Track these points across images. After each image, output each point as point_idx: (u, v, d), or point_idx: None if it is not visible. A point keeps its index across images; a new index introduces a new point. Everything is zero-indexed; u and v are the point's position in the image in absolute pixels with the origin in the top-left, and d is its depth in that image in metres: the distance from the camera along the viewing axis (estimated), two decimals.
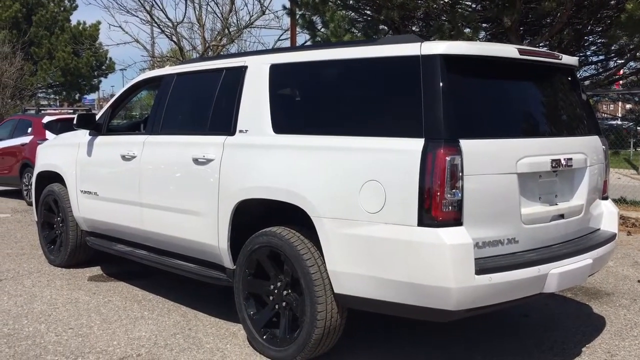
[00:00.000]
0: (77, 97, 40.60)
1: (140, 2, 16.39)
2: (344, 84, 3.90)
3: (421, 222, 3.26)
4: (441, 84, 3.33)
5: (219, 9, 17.20)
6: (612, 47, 12.59)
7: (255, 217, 4.24)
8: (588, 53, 13.76)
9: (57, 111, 14.95)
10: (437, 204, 3.23)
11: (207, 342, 4.31)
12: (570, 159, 3.82)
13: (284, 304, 3.98)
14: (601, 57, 13.49)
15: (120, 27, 18.39)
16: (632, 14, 9.05)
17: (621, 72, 12.61)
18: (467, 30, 12.01)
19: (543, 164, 3.65)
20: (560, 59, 3.99)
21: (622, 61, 12.39)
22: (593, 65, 13.63)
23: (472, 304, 3.29)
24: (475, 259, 3.28)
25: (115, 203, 5.43)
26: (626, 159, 17.37)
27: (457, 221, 3.27)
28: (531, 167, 3.58)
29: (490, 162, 3.41)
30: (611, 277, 6.28)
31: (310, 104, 4.12)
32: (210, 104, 4.70)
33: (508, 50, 3.64)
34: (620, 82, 13.38)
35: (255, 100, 4.30)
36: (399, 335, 4.49)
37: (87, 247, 6.08)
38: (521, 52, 3.67)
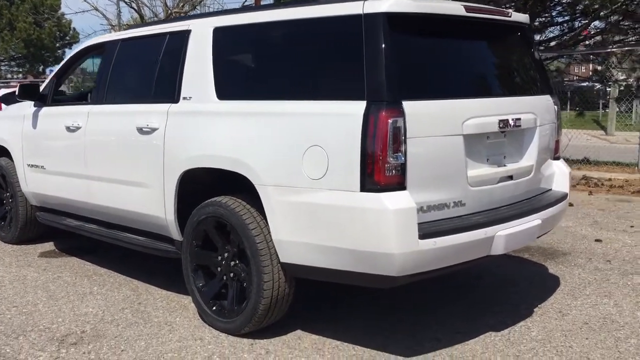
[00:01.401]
0: (41, 69, 39.61)
1: None
2: (286, 46, 3.76)
3: (364, 187, 3.17)
4: (383, 44, 3.21)
5: None
6: (577, 8, 12.54)
7: (202, 187, 4.12)
8: (554, 14, 13.71)
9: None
10: (380, 168, 3.14)
11: (156, 316, 4.21)
12: (519, 119, 3.74)
13: (231, 275, 3.89)
14: (567, 18, 13.45)
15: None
16: None
17: (587, 32, 12.58)
18: None
19: (490, 125, 3.57)
20: (510, 17, 3.89)
21: (586, 21, 12.34)
22: (558, 26, 13.60)
23: (417, 268, 3.24)
24: (420, 223, 3.21)
25: (62, 176, 5.25)
26: (595, 120, 17.56)
27: (400, 185, 3.19)
28: (478, 128, 3.50)
29: (435, 124, 3.32)
30: (569, 237, 6.31)
31: (253, 68, 3.98)
32: (154, 70, 4.52)
33: (454, 8, 3.52)
34: (586, 42, 13.35)
35: (198, 65, 4.14)
36: (347, 301, 4.44)
37: (38, 222, 5.90)
38: (468, 9, 3.55)
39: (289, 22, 3.69)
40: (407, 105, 3.19)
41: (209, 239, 4.01)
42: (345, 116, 3.24)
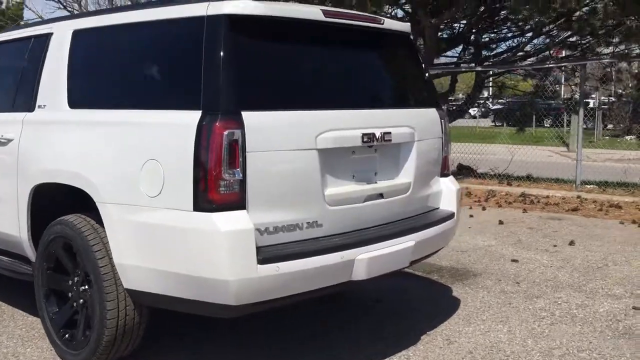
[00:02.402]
0: None
1: None
2: (132, 51, 3.46)
3: (197, 207, 2.86)
4: (223, 49, 2.92)
5: None
6: (527, 25, 12.45)
7: (59, 203, 3.77)
8: (505, 30, 13.69)
9: None
10: (214, 186, 2.83)
11: (7, 346, 3.83)
12: (389, 133, 3.47)
13: (81, 301, 3.54)
14: (517, 34, 13.43)
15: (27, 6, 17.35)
16: None
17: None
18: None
19: (351, 139, 3.29)
20: (382, 24, 3.62)
21: (530, 36, 12.30)
22: (506, 42, 13.57)
23: (258, 297, 2.92)
24: (262, 246, 2.91)
25: None
26: (560, 137, 17.56)
27: (238, 204, 2.88)
28: (336, 142, 3.21)
29: (283, 137, 3.03)
30: (487, 257, 6.07)
31: (102, 74, 3.65)
32: (17, 77, 4.18)
33: (310, 12, 3.25)
34: (532, 59, 13.32)
35: (55, 71, 3.81)
36: (220, 329, 4.11)
37: None
38: (327, 13, 3.28)
39: (137, 24, 3.40)
40: (248, 116, 2.89)
41: (60, 261, 3.66)
42: (179, 127, 2.93)
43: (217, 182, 2.82)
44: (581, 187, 10.07)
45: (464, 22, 13.04)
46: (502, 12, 12.57)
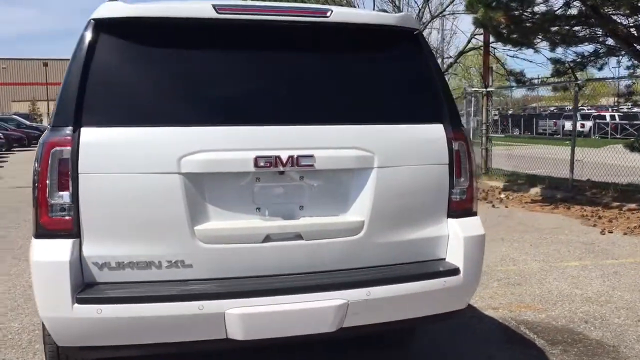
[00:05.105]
0: None
1: None
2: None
3: (36, 232, 2.61)
4: (74, 58, 2.64)
5: None
6: None
7: None
8: None
9: None
10: (44, 210, 2.55)
11: None
12: (309, 156, 2.64)
13: None
14: None
15: None
16: None
17: None
18: None
19: (237, 162, 2.59)
20: (327, 16, 2.76)
21: None
22: None
23: (79, 340, 2.51)
24: (99, 283, 2.53)
25: None
26: None
27: (68, 232, 2.53)
28: (210, 165, 2.57)
29: (132, 157, 2.53)
30: None
31: None
32: None
33: (194, 9, 2.65)
34: None
35: None
36: None
37: None
38: (221, 9, 2.65)
39: None
40: (88, 133, 2.53)
41: None
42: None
43: (46, 205, 2.54)
44: None
45: None
46: None
